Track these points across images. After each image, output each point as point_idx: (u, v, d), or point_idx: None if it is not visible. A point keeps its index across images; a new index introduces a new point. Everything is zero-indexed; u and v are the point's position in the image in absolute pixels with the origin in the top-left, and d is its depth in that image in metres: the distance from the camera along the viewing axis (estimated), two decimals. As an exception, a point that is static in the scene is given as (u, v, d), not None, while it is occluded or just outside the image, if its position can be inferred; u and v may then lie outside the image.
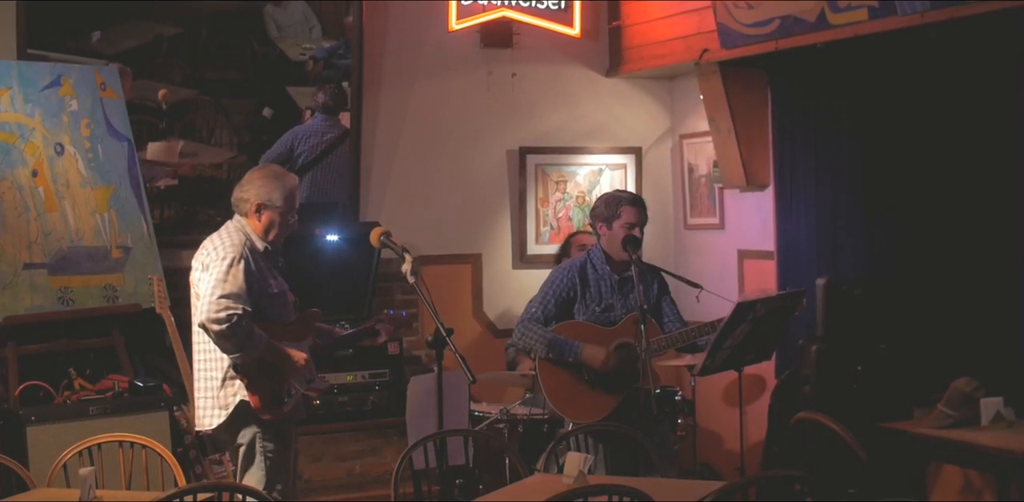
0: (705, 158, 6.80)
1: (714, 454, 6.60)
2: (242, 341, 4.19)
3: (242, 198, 4.45)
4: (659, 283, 5.05)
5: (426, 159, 6.73)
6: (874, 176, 5.64)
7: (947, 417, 4.80)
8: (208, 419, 4.37)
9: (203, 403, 4.38)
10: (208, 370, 4.37)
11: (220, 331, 4.17)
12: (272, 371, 4.34)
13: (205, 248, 4.41)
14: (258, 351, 4.25)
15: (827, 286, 5.39)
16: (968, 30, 4.92)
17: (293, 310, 4.53)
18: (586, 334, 4.87)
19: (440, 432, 4.38)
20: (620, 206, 4.90)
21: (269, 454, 4.35)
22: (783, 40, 5.54)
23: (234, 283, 4.23)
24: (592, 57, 7.05)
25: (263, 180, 4.46)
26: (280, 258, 4.60)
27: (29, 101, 5.35)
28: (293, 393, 4.39)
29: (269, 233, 4.45)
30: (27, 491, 4.21)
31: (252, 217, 4.43)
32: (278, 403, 4.34)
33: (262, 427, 4.34)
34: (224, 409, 4.33)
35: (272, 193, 4.42)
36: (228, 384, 4.32)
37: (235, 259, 4.28)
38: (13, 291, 5.14)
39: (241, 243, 4.35)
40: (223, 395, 4.33)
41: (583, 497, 3.37)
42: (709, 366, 4.98)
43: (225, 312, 4.17)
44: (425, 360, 6.60)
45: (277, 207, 4.42)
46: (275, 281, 4.44)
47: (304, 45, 6.34)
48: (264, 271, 4.39)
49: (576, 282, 4.93)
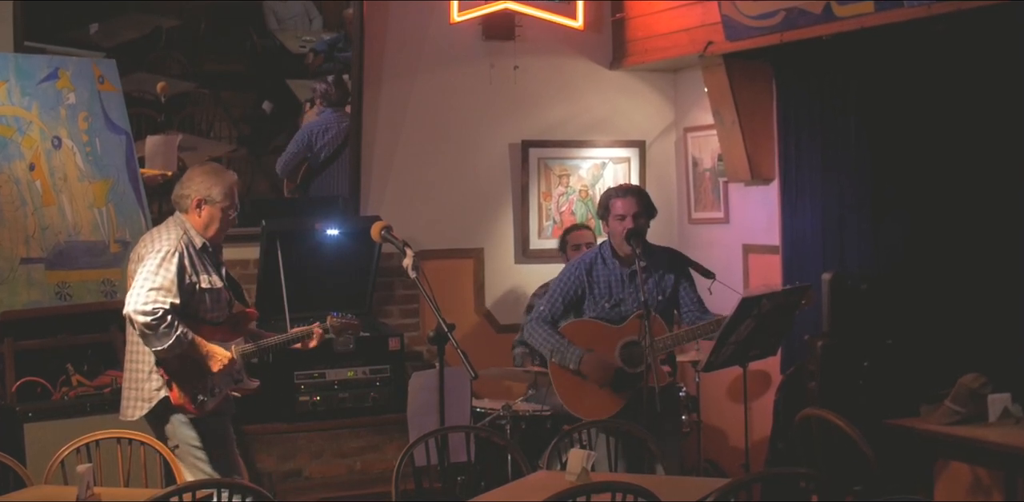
0: (709, 151, 6.77)
1: (719, 451, 6.57)
2: (165, 335, 4.25)
3: (182, 194, 4.51)
4: (677, 270, 5.00)
5: (427, 153, 6.70)
6: (880, 170, 5.61)
7: (954, 413, 4.76)
8: (131, 411, 4.44)
9: (127, 394, 4.46)
10: (135, 362, 4.44)
11: (145, 323, 4.23)
12: (195, 368, 4.39)
13: (143, 241, 4.50)
14: (181, 347, 4.30)
15: (833, 281, 5.36)
16: (975, 22, 4.90)
17: (226, 308, 4.58)
18: (593, 333, 4.88)
19: (442, 429, 4.38)
20: (609, 200, 4.95)
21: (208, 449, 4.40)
22: (788, 32, 5.52)
23: (165, 276, 4.30)
24: (595, 49, 7.02)
25: (203, 176, 4.52)
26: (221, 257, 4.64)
27: (26, 94, 5.32)
28: (216, 392, 4.45)
29: (209, 229, 4.52)
30: (24, 488, 4.20)
31: (192, 213, 4.50)
32: (196, 401, 4.39)
33: (193, 423, 4.39)
34: (147, 402, 4.40)
35: (212, 188, 4.48)
36: (153, 377, 4.39)
37: (169, 253, 4.34)
38: (10, 286, 5.11)
39: (178, 237, 4.42)
40: (147, 388, 4.40)
41: (586, 494, 3.35)
42: (714, 362, 4.98)
43: (152, 305, 4.23)
44: (426, 356, 6.58)
45: (217, 202, 4.49)
46: (210, 278, 4.49)
47: (304, 37, 6.31)
48: (199, 267, 4.45)
49: (584, 279, 4.93)
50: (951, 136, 5.29)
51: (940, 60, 5.25)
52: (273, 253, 5.88)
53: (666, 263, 5.00)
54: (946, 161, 5.32)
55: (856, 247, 5.69)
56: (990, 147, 5.13)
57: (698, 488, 3.82)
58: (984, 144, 5.16)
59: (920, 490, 4.84)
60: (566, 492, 3.35)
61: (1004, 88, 5.00)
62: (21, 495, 4.09)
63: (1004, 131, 5.04)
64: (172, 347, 4.29)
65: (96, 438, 4.36)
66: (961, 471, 4.71)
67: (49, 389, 5.16)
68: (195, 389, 4.40)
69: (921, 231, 5.45)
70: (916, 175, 5.46)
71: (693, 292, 5.01)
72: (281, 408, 5.81)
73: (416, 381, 5.35)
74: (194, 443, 4.40)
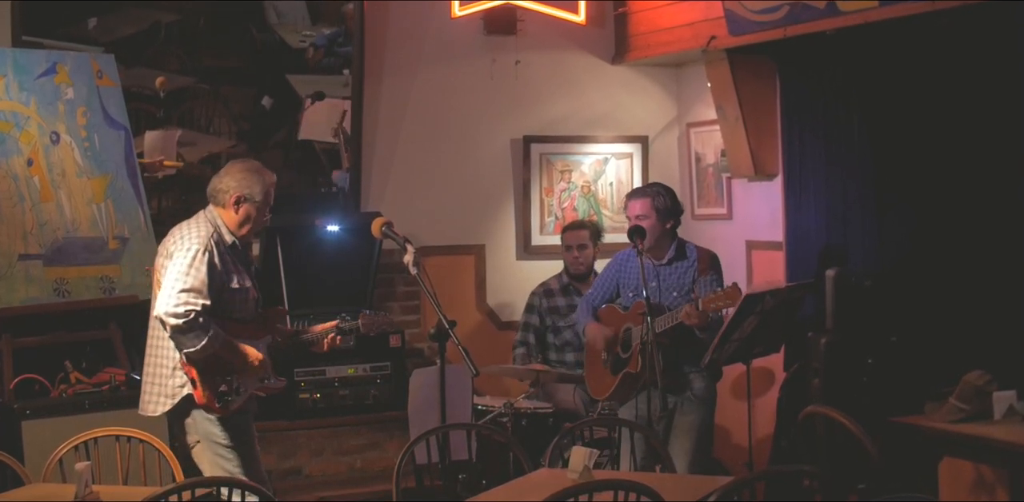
0: (712, 147, 6.74)
1: (722, 448, 6.54)
2: (198, 337, 4.17)
3: (220, 188, 4.43)
4: (699, 266, 5.07)
5: (428, 148, 6.67)
6: (884, 166, 5.59)
7: (959, 411, 4.74)
8: (153, 406, 4.37)
9: (150, 389, 4.38)
10: (158, 357, 4.36)
11: (177, 326, 4.15)
12: (223, 367, 4.32)
13: (173, 236, 4.39)
14: (213, 347, 4.22)
15: (837, 277, 5.33)
16: (979, 17, 4.87)
17: (254, 307, 4.51)
18: (610, 317, 5.19)
19: (443, 426, 4.38)
20: (625, 202, 5.20)
21: (231, 445, 4.33)
22: (792, 27, 5.50)
23: (196, 277, 4.21)
24: (597, 44, 6.99)
25: (245, 173, 4.43)
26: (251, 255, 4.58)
27: (24, 89, 5.29)
28: (242, 391, 4.37)
29: (243, 227, 4.44)
30: (22, 486, 4.18)
31: (229, 209, 4.42)
32: (223, 400, 4.32)
33: (220, 421, 4.32)
34: (170, 398, 4.32)
35: (253, 187, 4.41)
36: (177, 374, 4.31)
37: (199, 251, 4.26)
38: (8, 283, 5.09)
39: (208, 234, 4.33)
40: (171, 384, 4.32)
41: (588, 493, 3.33)
42: (717, 359, 4.96)
43: (184, 307, 4.15)
44: (427, 353, 6.56)
45: (256, 202, 4.41)
46: (239, 276, 4.41)
47: (304, 32, 6.28)
48: (228, 265, 4.37)
49: (617, 270, 5.24)
50: (955, 131, 5.26)
51: (944, 55, 5.23)
52: (273, 249, 5.85)
53: (688, 259, 5.07)
54: (950, 157, 5.29)
55: (860, 243, 5.67)
56: (995, 143, 5.10)
57: (701, 486, 3.80)
58: (989, 140, 5.13)
59: (924, 488, 4.81)
60: (568, 490, 3.34)
61: (1009, 82, 4.98)
62: (19, 493, 4.07)
63: (1009, 126, 5.01)
64: (204, 348, 4.19)
65: (95, 436, 4.34)
66: (965, 469, 4.69)
67: (47, 386, 5.13)
68: (221, 388, 4.31)
69: (925, 227, 5.43)
70: (920, 171, 5.44)
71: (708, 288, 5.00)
72: (281, 405, 5.78)
73: (417, 378, 5.34)
74: (217, 440, 4.32)
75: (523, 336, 6.25)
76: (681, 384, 5.01)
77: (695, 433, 5.03)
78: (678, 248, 5.08)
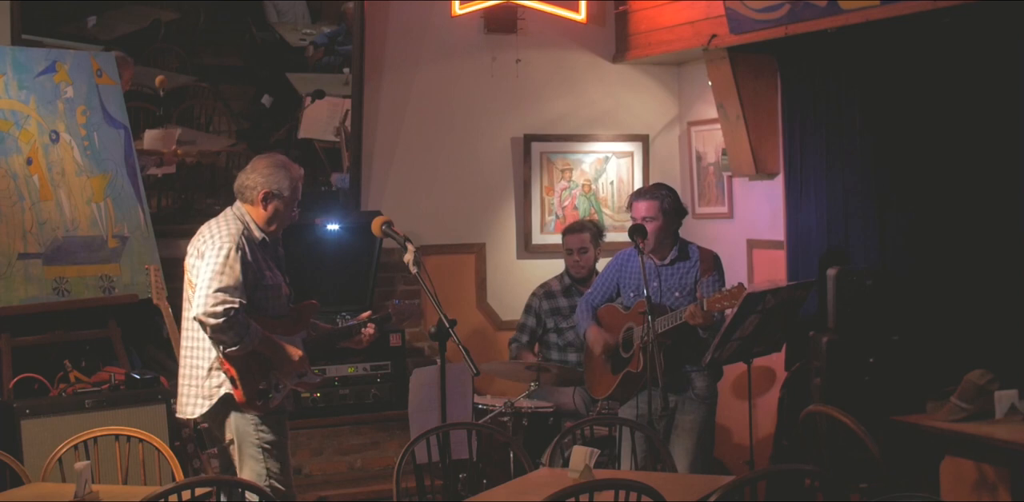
0: (714, 146, 6.73)
1: (723, 448, 6.52)
2: (238, 335, 4.14)
3: (248, 185, 4.37)
4: (700, 266, 5.08)
5: (429, 147, 6.66)
6: (886, 164, 5.58)
7: (960, 410, 4.73)
8: (191, 408, 4.33)
9: (187, 391, 4.34)
10: (194, 358, 4.32)
11: (216, 325, 4.12)
12: (262, 364, 4.28)
13: (202, 234, 4.34)
14: (253, 344, 4.19)
15: (838, 276, 5.32)
16: (982, 14, 4.86)
17: (287, 303, 4.46)
18: (613, 316, 5.19)
19: (443, 425, 4.37)
20: (629, 202, 5.18)
21: (266, 446, 4.29)
22: (793, 25, 5.49)
23: (231, 275, 4.17)
24: (598, 43, 6.98)
25: (271, 168, 4.38)
26: (281, 249, 4.51)
27: (24, 87, 5.28)
28: (280, 388, 4.33)
29: (272, 223, 4.39)
30: (21, 486, 4.18)
31: (258, 205, 4.37)
32: (263, 398, 4.28)
33: (256, 420, 4.28)
34: (208, 399, 4.28)
35: (281, 182, 4.36)
36: (214, 374, 4.27)
37: (232, 250, 4.21)
38: (7, 282, 5.07)
39: (239, 232, 4.28)
40: (208, 385, 4.28)
41: (589, 492, 3.33)
42: (717, 358, 4.96)
43: (222, 306, 4.11)
44: (428, 352, 6.55)
45: (284, 197, 4.36)
46: (270, 272, 4.37)
47: (304, 30, 6.26)
48: (260, 261, 4.33)
49: (617, 271, 5.24)
50: (957, 130, 5.25)
51: (945, 54, 5.22)
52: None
53: (691, 260, 5.08)
54: (952, 155, 5.28)
55: (861, 242, 5.66)
56: (997, 141, 5.10)
57: (702, 485, 3.79)
58: (991, 138, 5.12)
59: (926, 487, 4.81)
60: (568, 490, 3.33)
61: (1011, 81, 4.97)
62: (19, 493, 4.07)
63: (1011, 125, 5.00)
64: (245, 346, 4.16)
65: (94, 435, 4.33)
66: (967, 468, 4.68)
67: (47, 385, 5.12)
68: (260, 386, 4.27)
69: (927, 226, 5.42)
70: (922, 169, 5.43)
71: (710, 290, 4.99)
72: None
73: (417, 377, 5.32)
74: (250, 440, 4.29)
75: (518, 336, 6.25)
76: (682, 383, 5.01)
77: (697, 432, 5.02)
78: (681, 248, 5.09)
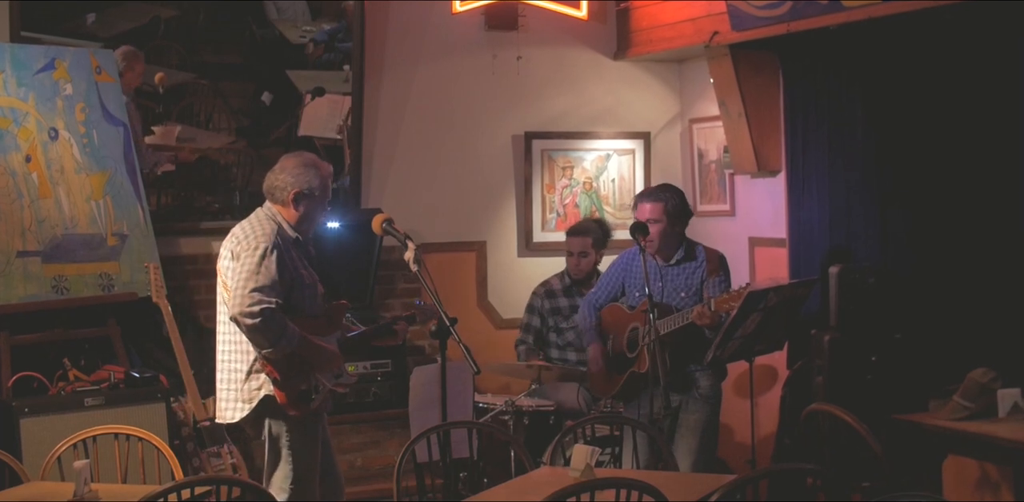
0: (715, 143, 6.71)
1: (725, 447, 6.50)
2: (276, 335, 4.11)
3: (278, 185, 4.34)
4: (706, 266, 5.06)
5: (429, 144, 6.65)
6: (888, 161, 5.58)
7: (963, 409, 4.72)
8: (231, 412, 4.30)
9: (226, 395, 4.31)
10: (232, 362, 4.29)
11: (253, 325, 4.09)
12: (302, 366, 4.25)
13: (235, 236, 4.30)
14: (291, 345, 4.16)
15: (840, 274, 5.31)
16: (982, 12, 4.85)
17: (323, 302, 4.43)
18: (617, 316, 5.19)
19: (444, 424, 4.37)
20: (635, 202, 5.16)
21: (296, 449, 4.28)
22: (795, 22, 5.48)
23: (267, 275, 4.14)
24: (599, 40, 6.96)
25: (301, 167, 4.35)
26: (311, 248, 4.50)
27: (23, 85, 5.27)
28: (321, 389, 4.31)
29: (303, 222, 4.37)
30: (20, 484, 4.16)
31: (289, 206, 4.34)
32: (305, 399, 4.25)
33: (288, 422, 4.26)
34: (247, 403, 4.25)
35: (311, 181, 4.33)
36: (253, 377, 4.25)
37: (267, 249, 4.18)
38: (6, 279, 5.06)
39: (273, 232, 4.25)
40: (247, 388, 4.25)
41: (590, 491, 3.31)
42: (719, 356, 4.94)
43: (258, 306, 4.08)
44: (428, 350, 6.54)
45: (315, 197, 4.34)
46: (307, 272, 4.35)
47: (304, 28, 6.25)
48: (296, 261, 4.31)
49: (622, 270, 5.22)
50: (959, 127, 5.24)
51: (947, 51, 5.21)
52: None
53: (697, 260, 5.06)
54: (955, 152, 5.28)
55: (864, 240, 5.65)
56: (999, 138, 5.09)
57: (704, 484, 3.78)
58: (993, 135, 5.11)
59: (928, 486, 4.80)
60: (569, 489, 3.32)
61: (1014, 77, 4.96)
62: (17, 492, 4.06)
63: (1014, 122, 4.99)
64: (283, 347, 4.13)
65: (93, 434, 4.32)
66: (970, 467, 4.67)
67: (46, 384, 5.12)
68: (302, 387, 4.25)
69: (929, 224, 5.41)
70: (924, 167, 5.42)
71: (715, 290, 4.98)
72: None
73: (418, 376, 5.32)
74: (283, 442, 4.27)
75: (524, 337, 6.22)
76: (687, 383, 4.99)
77: (700, 432, 5.01)
78: (687, 249, 5.08)
